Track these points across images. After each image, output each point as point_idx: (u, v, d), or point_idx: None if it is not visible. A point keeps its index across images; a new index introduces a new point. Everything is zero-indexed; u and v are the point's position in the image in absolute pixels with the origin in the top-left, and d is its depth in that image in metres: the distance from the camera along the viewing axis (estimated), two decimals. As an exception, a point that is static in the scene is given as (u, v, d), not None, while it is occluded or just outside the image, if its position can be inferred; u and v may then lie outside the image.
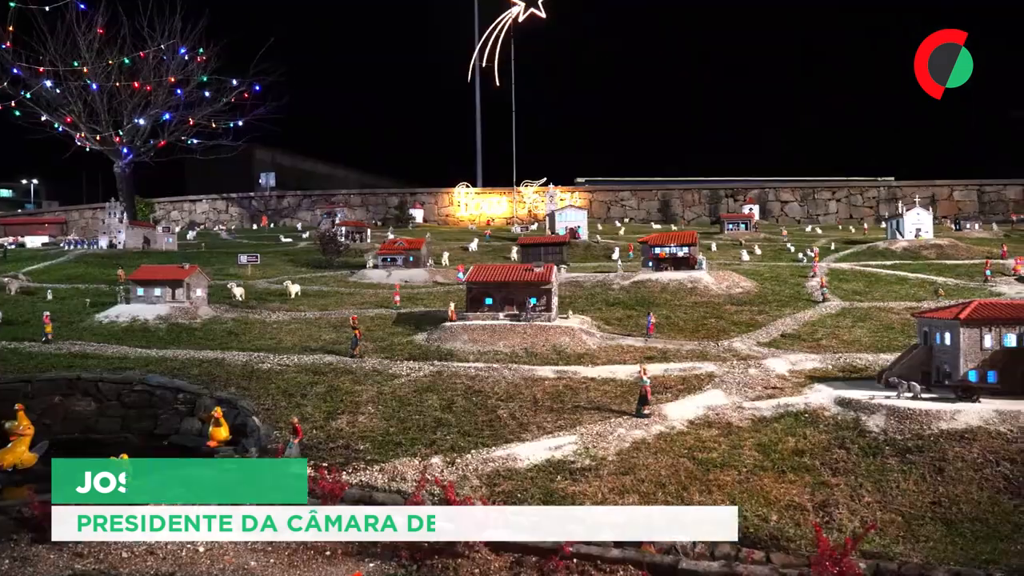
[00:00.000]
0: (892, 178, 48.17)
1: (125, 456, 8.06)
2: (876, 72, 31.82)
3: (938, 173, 46.83)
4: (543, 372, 11.51)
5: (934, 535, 6.56)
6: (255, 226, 49.13)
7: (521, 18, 52.84)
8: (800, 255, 24.54)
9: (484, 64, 54.00)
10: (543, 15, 52.41)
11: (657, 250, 19.36)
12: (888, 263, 22.48)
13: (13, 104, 41.12)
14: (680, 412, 9.51)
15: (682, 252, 19.16)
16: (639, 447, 8.43)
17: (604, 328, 14.73)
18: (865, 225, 38.86)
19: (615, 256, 25.84)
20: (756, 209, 41.61)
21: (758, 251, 26.23)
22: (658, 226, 40.82)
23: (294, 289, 19.19)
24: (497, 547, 6.61)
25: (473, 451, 8.48)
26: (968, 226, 32.37)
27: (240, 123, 46.37)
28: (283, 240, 36.04)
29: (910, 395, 8.96)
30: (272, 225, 49.20)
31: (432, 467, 8.05)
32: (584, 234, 31.01)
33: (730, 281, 18.44)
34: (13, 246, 35.45)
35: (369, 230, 34.81)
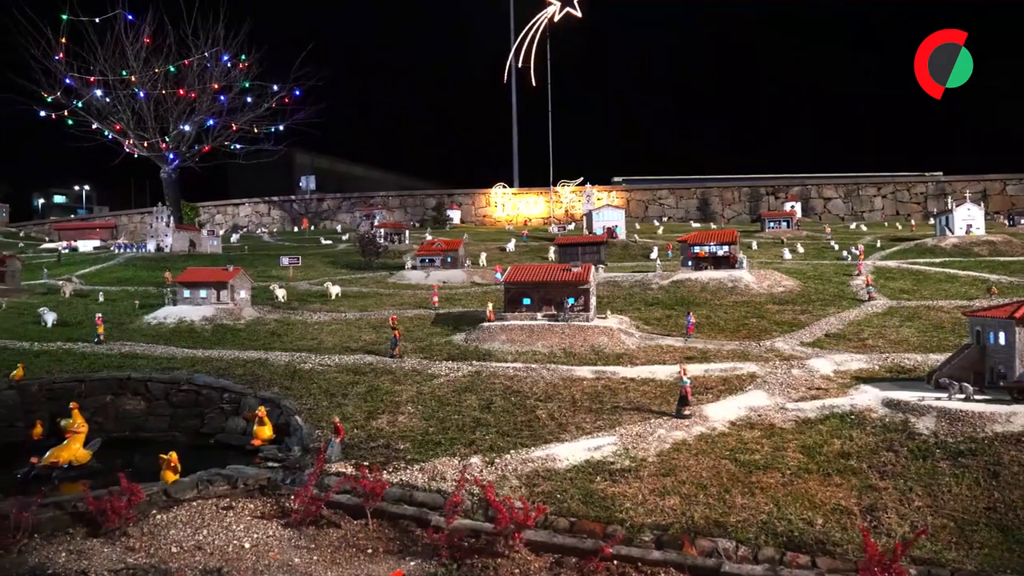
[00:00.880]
0: (941, 173, 46.72)
1: (174, 454, 8.31)
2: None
3: (989, 167, 45.31)
4: (581, 372, 11.47)
5: (989, 541, 6.34)
6: (296, 228, 49.94)
7: (557, 18, 52.74)
8: (844, 253, 23.97)
9: (520, 64, 54.05)
10: (579, 14, 52.23)
11: (696, 249, 19.13)
12: (937, 260, 21.82)
13: (66, 113, 42.63)
14: (721, 413, 9.38)
15: (722, 251, 18.90)
16: (679, 448, 8.33)
17: (643, 328, 14.61)
18: (912, 222, 37.81)
19: (653, 255, 25.61)
20: (798, 206, 40.79)
21: (800, 249, 25.71)
22: (697, 225, 40.33)
23: (334, 290, 19.46)
24: (537, 547, 6.61)
25: (512, 451, 8.48)
26: (1023, 221, 31.27)
27: (281, 127, 47.28)
28: (323, 242, 36.57)
29: (962, 396, 8.68)
30: (313, 227, 49.97)
31: (471, 467, 8.08)
32: (622, 233, 30.82)
33: (772, 280, 18.12)
34: (67, 250, 36.67)
35: (407, 231, 35.11)
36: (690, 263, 19.14)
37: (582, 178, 48.96)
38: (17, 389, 11.86)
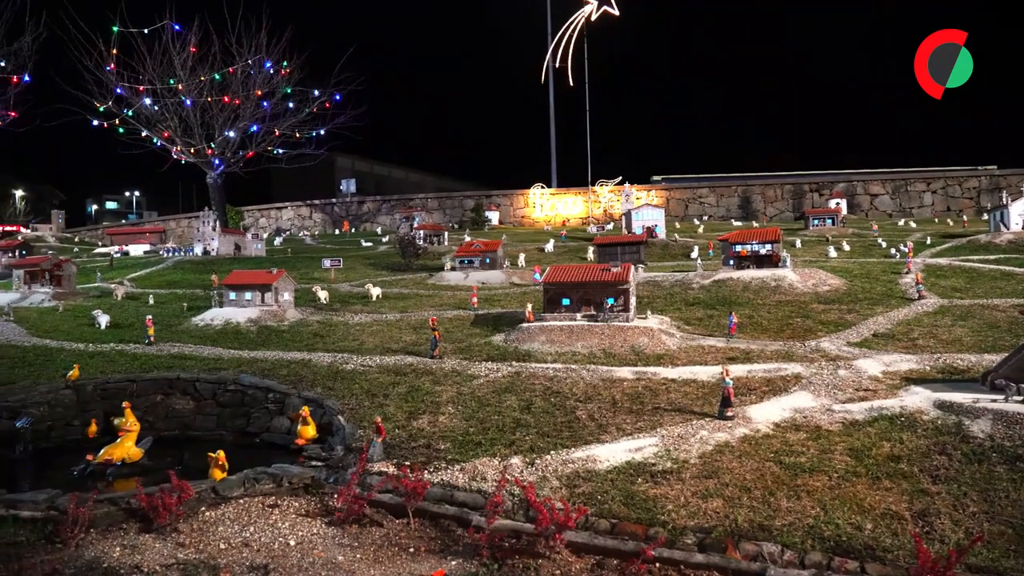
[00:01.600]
0: (995, 167, 45.15)
1: (221, 453, 8.50)
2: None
3: (1047, 159, 43.57)
4: (622, 373, 11.39)
5: (1049, 549, 6.09)
6: (337, 231, 50.72)
7: (594, 17, 52.53)
8: (892, 250, 23.33)
9: (557, 65, 53.99)
10: (616, 12, 51.93)
11: (738, 248, 18.84)
12: (991, 257, 21.07)
13: (117, 122, 44.03)
14: (765, 414, 9.21)
15: (764, 249, 18.58)
16: (722, 450, 8.21)
17: (684, 328, 14.44)
18: (964, 218, 36.60)
19: (694, 255, 25.31)
20: (843, 203, 39.81)
21: (846, 247, 25.12)
22: (738, 223, 39.71)
23: (375, 292, 19.70)
24: (578, 548, 6.58)
25: (552, 452, 8.46)
26: (1083, 216, 29.97)
27: (322, 132, 48.09)
28: (364, 244, 37.05)
29: (1020, 398, 8.36)
30: (353, 230, 50.68)
31: (512, 467, 8.08)
32: (662, 233, 30.55)
33: (816, 279, 17.74)
34: (119, 254, 37.87)
35: (446, 233, 35.36)
36: (732, 262, 18.86)
37: (620, 177, 48.69)
38: (73, 389, 12.29)
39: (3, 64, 31.54)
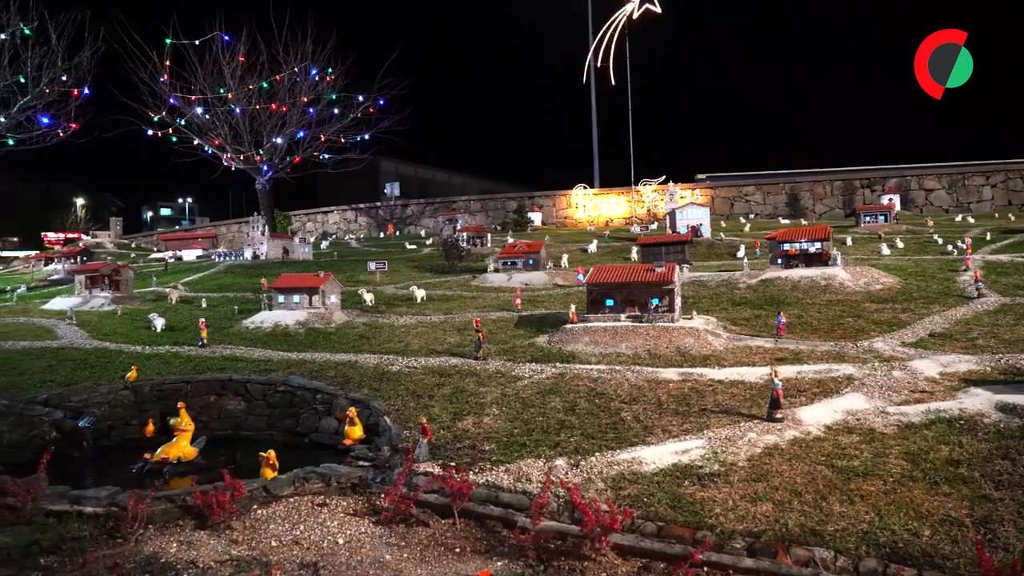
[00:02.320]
0: (1059, 158, 43.18)
1: (272, 452, 8.69)
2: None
3: (1116, 150, 41.49)
4: (667, 374, 11.26)
5: (1123, 559, 5.79)
6: (382, 234, 51.38)
7: (636, 15, 52.09)
8: (949, 247, 22.52)
9: (599, 64, 53.70)
10: (658, 10, 51.39)
11: (786, 246, 18.45)
12: (1056, 253, 20.19)
13: (170, 131, 45.47)
14: (816, 417, 8.99)
15: (814, 248, 18.15)
16: (771, 453, 8.04)
17: (730, 329, 14.20)
18: (1027, 212, 35.11)
19: (740, 254, 24.88)
20: (896, 199, 38.56)
21: (900, 244, 24.35)
22: (786, 221, 38.86)
23: (420, 294, 19.90)
24: (624, 551, 6.53)
25: (597, 453, 8.41)
26: None
27: (366, 136, 48.83)
28: (408, 247, 37.44)
29: (1088, 401, 7.99)
30: (398, 232, 51.26)
31: (556, 469, 8.07)
32: (707, 232, 30.12)
33: (869, 277, 17.25)
34: (173, 259, 39.08)
35: (489, 235, 35.48)
36: (780, 261, 18.48)
37: (664, 176, 48.13)
38: (131, 390, 12.73)
39: (64, 78, 32.82)
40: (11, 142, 32.17)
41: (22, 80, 31.37)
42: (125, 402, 12.56)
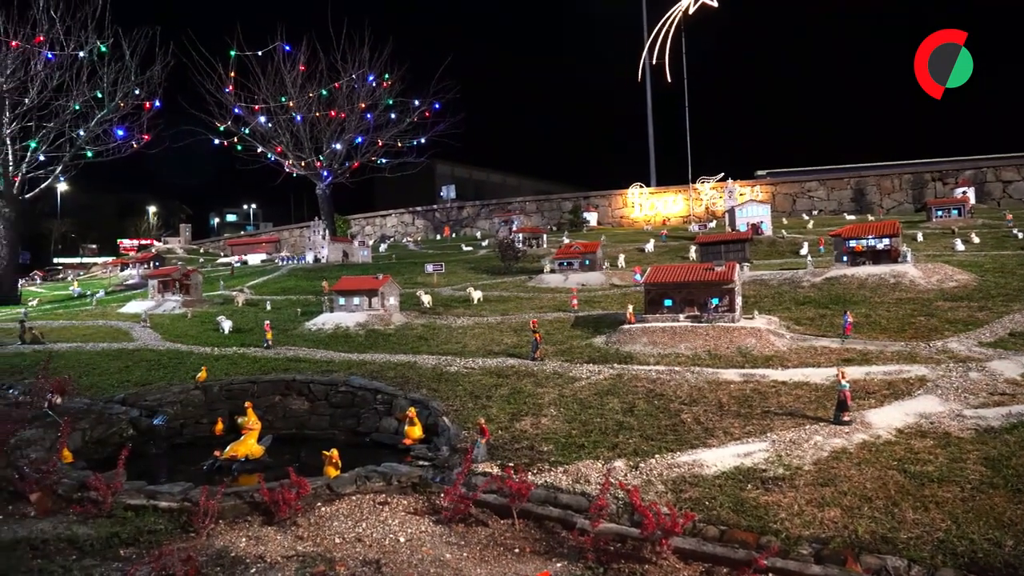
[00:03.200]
0: None
1: (335, 451, 8.89)
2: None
3: None
4: (728, 375, 11.03)
5: None
6: (439, 236, 51.97)
7: (691, 10, 51.28)
8: (1030, 242, 21.38)
9: (654, 61, 53.06)
10: (715, 4, 50.47)
11: (852, 243, 17.84)
12: None
13: (235, 140, 47.10)
14: (886, 420, 8.66)
15: (882, 244, 17.50)
16: (839, 456, 7.79)
17: (794, 328, 13.82)
18: (1116, 203, 33.03)
19: (804, 251, 24.19)
20: (971, 192, 36.82)
21: (975, 239, 23.24)
22: (852, 217, 37.58)
23: (476, 295, 20.04)
24: (685, 555, 6.43)
25: (657, 455, 8.31)
26: None
27: (423, 140, 49.51)
28: (464, 249, 37.75)
29: None
30: (454, 235, 51.77)
31: (615, 470, 8.00)
32: (768, 229, 29.41)
33: (942, 274, 16.53)
34: (239, 263, 40.43)
35: (545, 235, 35.47)
36: (845, 258, 17.89)
37: (723, 173, 47.24)
38: (202, 389, 13.21)
39: (137, 92, 34.37)
40: (90, 154, 33.86)
41: (99, 95, 32.98)
42: (196, 401, 13.04)
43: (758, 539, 6.44)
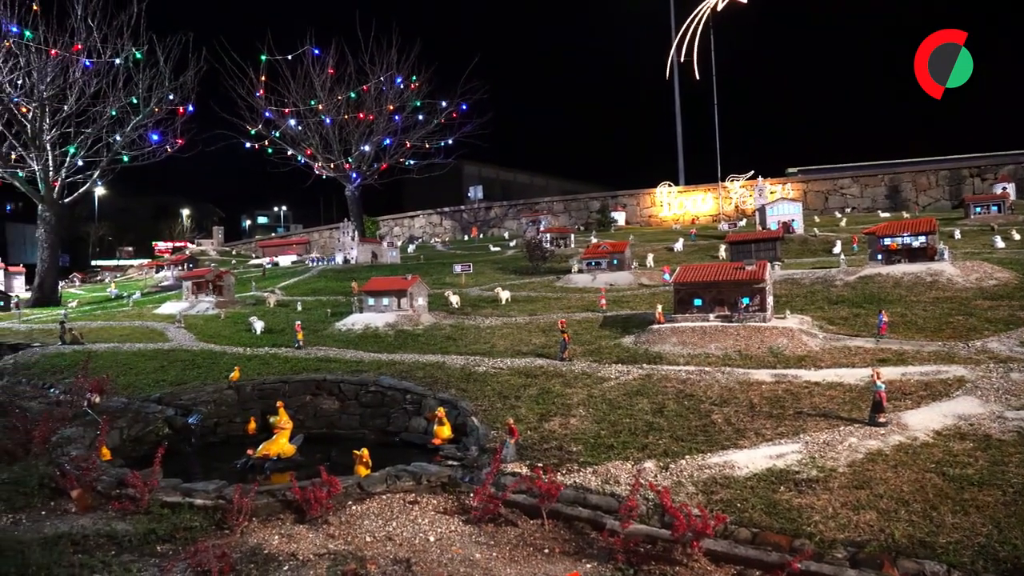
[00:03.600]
0: None
1: (365, 450, 8.96)
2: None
3: None
4: (759, 376, 10.89)
5: None
6: (466, 237, 52.11)
7: (720, 6, 50.75)
8: (1074, 239, 20.75)
9: (682, 59, 52.64)
10: (744, 0, 49.88)
11: (887, 241, 17.50)
12: None
13: (266, 143, 47.76)
14: (923, 421, 8.48)
15: (918, 242, 17.13)
16: (874, 459, 7.64)
17: (827, 328, 13.59)
18: None
19: (836, 250, 23.78)
20: (1011, 188, 35.82)
21: (1016, 236, 22.62)
22: (886, 214, 36.84)
23: (504, 295, 20.06)
24: (717, 557, 6.36)
25: (687, 456, 8.23)
26: None
27: (450, 141, 49.73)
28: (492, 249, 37.79)
29: None
30: (481, 235, 51.88)
31: (645, 471, 7.95)
32: (799, 228, 28.98)
33: (981, 272, 16.12)
34: (270, 265, 40.98)
35: (572, 235, 35.36)
36: (880, 256, 17.55)
37: (752, 171, 46.64)
38: (235, 389, 13.43)
39: (171, 97, 35.05)
40: (126, 159, 34.61)
41: (134, 101, 33.69)
42: (229, 401, 13.26)
43: (791, 542, 6.35)
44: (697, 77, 52.14)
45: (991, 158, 43.35)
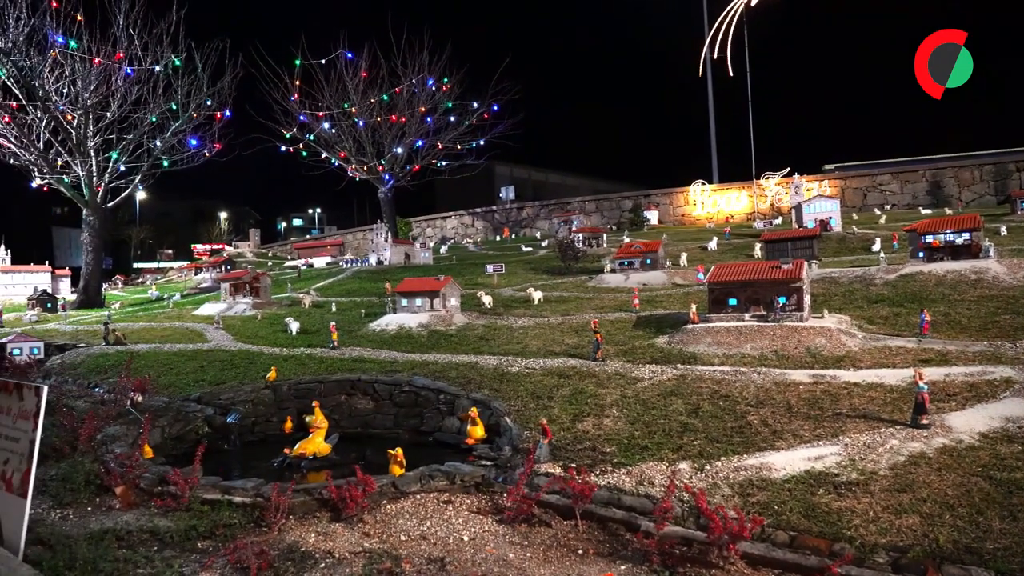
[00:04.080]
0: None
1: (399, 450, 9.03)
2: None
3: None
4: (796, 376, 10.71)
5: None
6: (498, 237, 52.21)
7: (754, 1, 50.07)
8: None
9: (715, 55, 52.05)
10: (779, -6, 49.07)
11: (929, 238, 17.07)
12: None
13: (301, 146, 48.47)
14: (968, 423, 8.24)
15: (961, 239, 16.67)
16: (917, 461, 7.45)
17: (866, 328, 13.31)
18: None
19: (876, 248, 23.29)
20: (1060, 182, 34.69)
21: (1066, 232, 21.89)
22: (927, 211, 35.94)
23: (536, 296, 20.04)
24: (754, 561, 6.27)
25: (723, 458, 8.13)
26: None
27: (482, 142, 49.89)
28: (524, 249, 37.80)
29: None
30: (513, 235, 51.93)
31: (680, 473, 7.87)
32: (837, 225, 28.46)
33: (1028, 270, 15.62)
34: (305, 266, 41.57)
35: (604, 235, 35.21)
36: (922, 254, 17.12)
37: (788, 168, 45.91)
38: (272, 389, 13.64)
39: (209, 103, 35.78)
40: (166, 163, 35.44)
41: (173, 107, 34.47)
42: (266, 400, 13.47)
43: (831, 546, 6.23)
44: (731, 73, 51.55)
45: (1038, 151, 42.00)
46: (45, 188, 33.91)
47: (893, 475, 7.23)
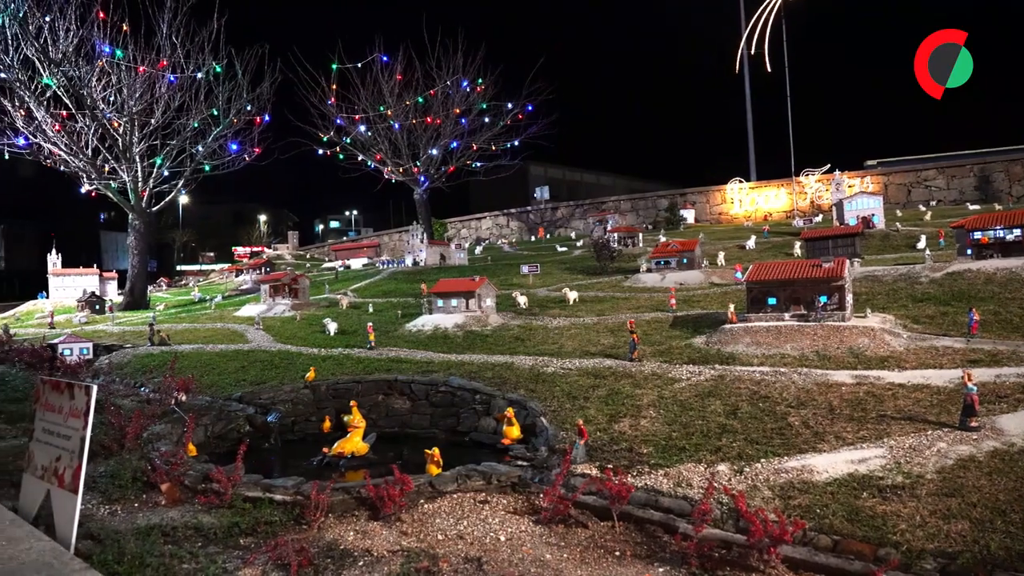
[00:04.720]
0: None
1: (436, 449, 9.09)
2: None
3: None
4: (838, 377, 10.48)
5: None
6: (533, 238, 52.18)
7: (793, -5, 49.17)
8: None
9: (752, 51, 51.28)
10: (817, -13, 48.11)
11: (978, 235, 16.53)
12: None
13: (338, 149, 49.12)
14: (1021, 426, 7.97)
15: (1012, 235, 16.11)
16: (966, 465, 7.23)
17: (911, 328, 12.96)
18: None
19: (921, 245, 22.68)
20: (1117, 176, 33.30)
21: (1124, 228, 20.99)
22: (975, 207, 34.82)
23: (572, 296, 19.98)
24: (795, 565, 6.15)
25: (763, 460, 8.00)
26: None
27: (516, 143, 49.96)
28: (559, 249, 37.70)
29: None
30: (548, 236, 51.85)
31: (719, 475, 7.77)
32: (880, 222, 27.75)
33: (1084, 267, 15.03)
34: (342, 268, 42.10)
35: (640, 234, 34.92)
36: (970, 251, 16.60)
37: (828, 165, 44.95)
38: (310, 389, 13.85)
39: (249, 108, 36.50)
40: (207, 168, 36.25)
41: (215, 112, 35.24)
42: (305, 400, 13.69)
43: (875, 551, 6.08)
44: (768, 69, 50.71)
45: (1094, 143, 40.40)
46: (93, 194, 34.98)
47: (941, 479, 7.03)
